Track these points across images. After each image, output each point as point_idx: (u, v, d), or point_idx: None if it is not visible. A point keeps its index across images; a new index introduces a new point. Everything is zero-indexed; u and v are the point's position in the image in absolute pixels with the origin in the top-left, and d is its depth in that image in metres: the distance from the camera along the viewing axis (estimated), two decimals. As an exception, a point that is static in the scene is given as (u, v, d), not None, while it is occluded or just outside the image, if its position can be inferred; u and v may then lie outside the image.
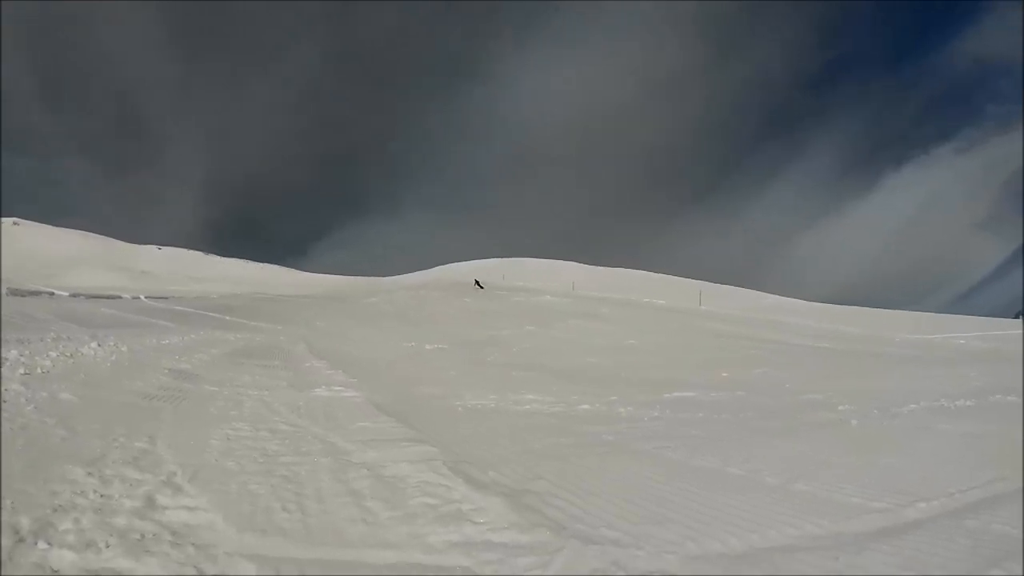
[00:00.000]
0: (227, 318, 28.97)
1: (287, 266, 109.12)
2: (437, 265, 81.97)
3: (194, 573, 3.79)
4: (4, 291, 29.80)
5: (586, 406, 9.96)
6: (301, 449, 6.69)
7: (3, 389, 8.25)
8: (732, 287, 53.32)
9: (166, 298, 39.83)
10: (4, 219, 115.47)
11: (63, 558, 3.85)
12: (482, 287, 45.46)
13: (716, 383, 12.85)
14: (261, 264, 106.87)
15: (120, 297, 36.87)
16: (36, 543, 3.98)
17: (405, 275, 78.31)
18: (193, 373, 11.76)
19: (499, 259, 78.25)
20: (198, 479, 5.46)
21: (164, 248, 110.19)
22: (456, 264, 79.78)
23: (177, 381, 10.58)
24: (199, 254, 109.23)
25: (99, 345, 13.74)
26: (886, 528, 4.59)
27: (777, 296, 48.97)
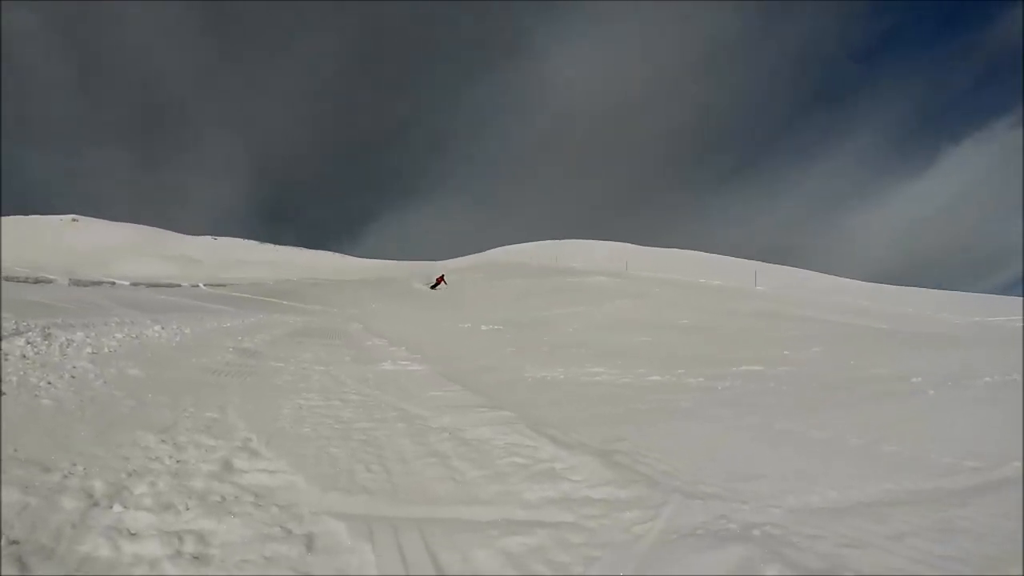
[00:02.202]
0: (283, 302, 29.20)
1: (339, 251, 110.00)
2: (487, 248, 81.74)
3: (280, 532, 3.60)
4: (66, 281, 30.32)
5: (656, 377, 9.69)
6: (375, 416, 6.56)
7: (72, 367, 8.24)
8: (785, 267, 52.27)
9: (223, 285, 40.27)
10: (63, 216, 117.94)
11: (139, 520, 3.77)
12: (435, 288, 40.92)
13: (777, 360, 12.45)
14: (313, 251, 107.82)
15: (179, 285, 37.33)
16: (111, 506, 3.88)
17: (455, 259, 78.19)
18: (256, 351, 11.72)
19: (550, 241, 77.73)
20: (274, 444, 5.35)
21: (219, 238, 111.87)
22: (506, 247, 79.35)
23: (242, 358, 10.54)
24: (253, 243, 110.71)
25: (162, 328, 13.80)
26: (984, 484, 4.36)
27: (830, 276, 48.01)
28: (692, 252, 62.09)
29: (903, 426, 6.18)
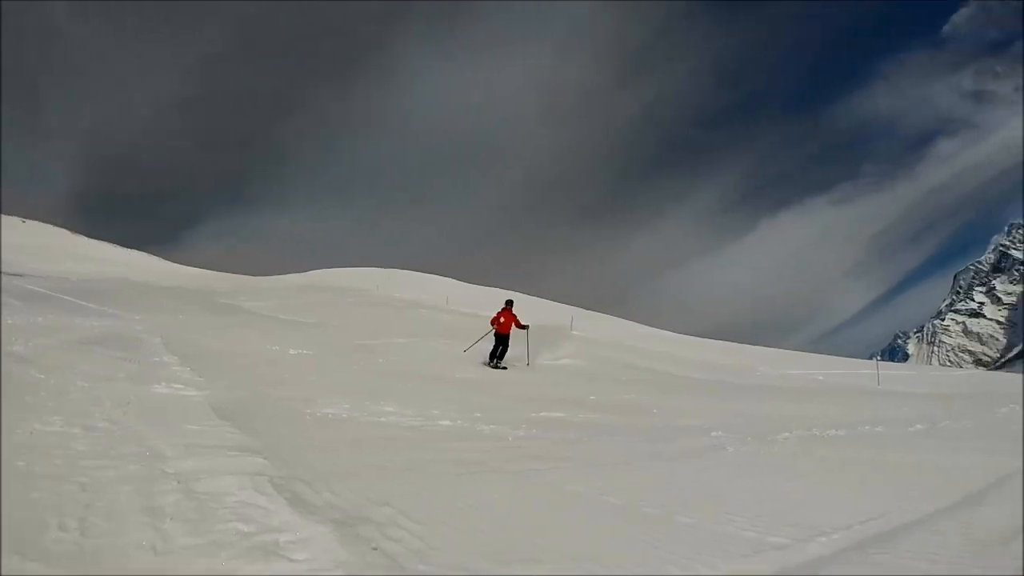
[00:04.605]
0: (84, 303, 27.15)
1: (157, 254, 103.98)
2: (314, 269, 79.77)
3: None
4: None
5: (447, 422, 9.30)
6: (112, 451, 5.74)
7: None
8: (603, 314, 53.68)
9: (22, 275, 37.34)
10: None
11: None
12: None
13: (583, 405, 12.51)
14: (129, 250, 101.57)
15: (-35, 270, 34.30)
16: None
17: (280, 276, 75.76)
18: (25, 357, 10.63)
19: (376, 268, 76.55)
20: (-30, 480, 4.57)
21: (28, 222, 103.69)
22: (334, 270, 77.59)
23: (4, 364, 9.49)
24: (65, 232, 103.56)
25: (-76, 319, 12.43)
26: (789, 567, 4.05)
27: (646, 326, 49.68)
28: (513, 292, 62.94)
29: (704, 490, 6.00)
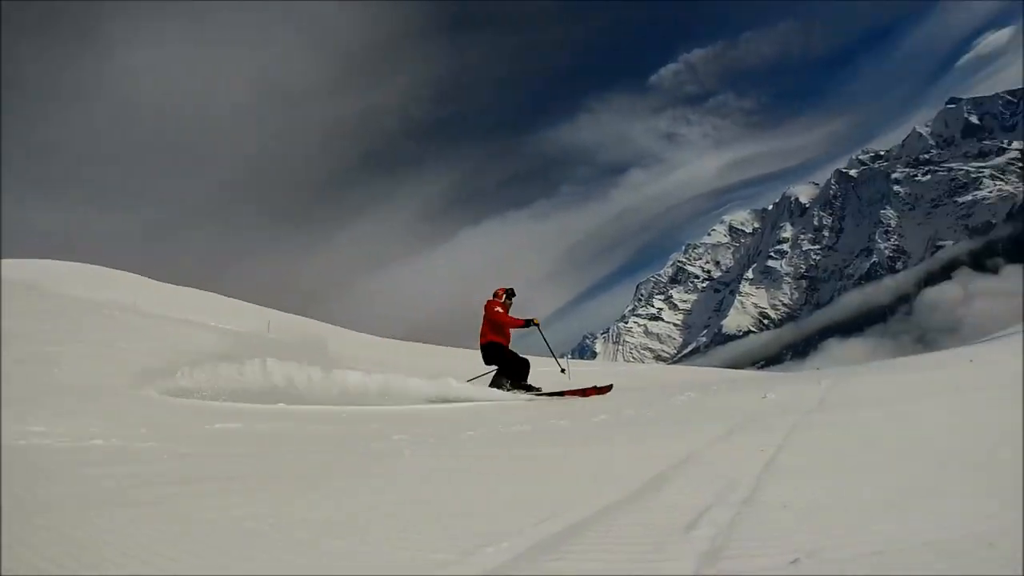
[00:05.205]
0: None
1: None
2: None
3: None
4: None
5: (100, 441, 7.93)
6: None
7: None
8: (298, 316, 52.74)
9: None
10: None
11: None
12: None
13: (268, 414, 11.71)
14: None
15: None
16: None
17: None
18: None
19: (54, 260, 68.56)
20: None
21: None
22: (6, 260, 68.76)
23: None
24: None
25: None
26: None
27: (341, 328, 49.47)
28: (209, 293, 59.86)
29: (369, 506, 5.35)
